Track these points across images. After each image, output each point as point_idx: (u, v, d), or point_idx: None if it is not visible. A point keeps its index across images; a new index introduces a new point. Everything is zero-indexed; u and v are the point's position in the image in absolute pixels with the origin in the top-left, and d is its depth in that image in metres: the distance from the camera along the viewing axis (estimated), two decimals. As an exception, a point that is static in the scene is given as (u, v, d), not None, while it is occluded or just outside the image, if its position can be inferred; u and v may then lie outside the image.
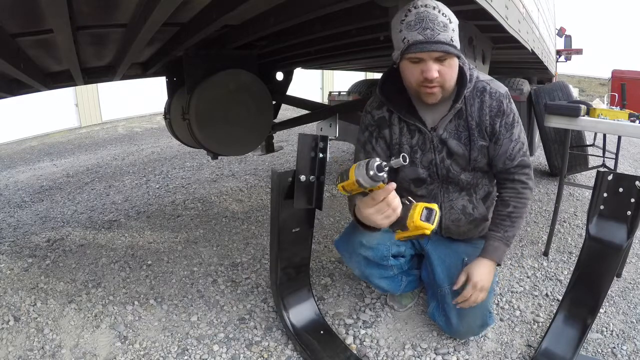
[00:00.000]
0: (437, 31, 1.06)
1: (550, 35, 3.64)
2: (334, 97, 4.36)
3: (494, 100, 1.25)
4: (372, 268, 1.46)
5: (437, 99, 1.19)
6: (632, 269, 1.98)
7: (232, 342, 1.47)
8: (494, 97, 1.26)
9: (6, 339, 1.50)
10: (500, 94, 1.26)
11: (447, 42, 1.08)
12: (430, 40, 1.07)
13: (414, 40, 1.07)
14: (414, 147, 1.32)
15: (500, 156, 1.30)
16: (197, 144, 2.34)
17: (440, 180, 1.35)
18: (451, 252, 1.41)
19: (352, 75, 8.45)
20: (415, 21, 1.06)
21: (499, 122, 1.26)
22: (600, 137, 3.22)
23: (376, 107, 1.36)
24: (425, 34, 1.06)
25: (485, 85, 1.26)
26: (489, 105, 1.25)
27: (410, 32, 1.07)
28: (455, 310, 1.36)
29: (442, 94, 1.18)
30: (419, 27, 1.06)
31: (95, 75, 2.19)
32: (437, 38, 1.07)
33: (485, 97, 1.25)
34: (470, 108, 1.26)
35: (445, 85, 1.16)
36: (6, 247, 2.33)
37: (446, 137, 1.29)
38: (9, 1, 1.06)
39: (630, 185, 1.24)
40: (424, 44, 1.07)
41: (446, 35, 1.08)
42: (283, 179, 1.34)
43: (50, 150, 5.64)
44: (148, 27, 1.19)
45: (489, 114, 1.26)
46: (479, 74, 1.29)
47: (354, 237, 1.44)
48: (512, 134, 1.28)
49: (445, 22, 1.08)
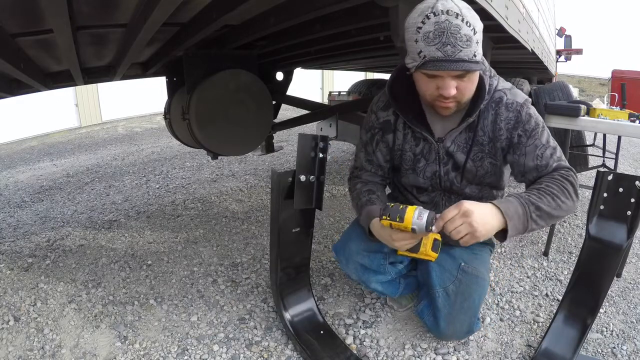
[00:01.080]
0: (459, 47, 0.94)
1: (550, 35, 3.64)
2: (334, 97, 4.37)
3: (511, 112, 1.15)
4: (369, 274, 1.43)
5: (451, 112, 1.12)
6: (632, 269, 1.98)
7: (232, 342, 1.47)
8: (511, 108, 1.14)
9: (6, 339, 1.50)
10: (517, 104, 1.15)
11: (469, 59, 0.96)
12: (451, 58, 0.95)
13: (432, 57, 0.96)
14: (418, 155, 1.27)
15: (529, 167, 1.15)
16: (197, 144, 2.34)
17: (443, 190, 1.33)
18: (448, 257, 1.39)
19: (352, 75, 8.45)
20: (435, 34, 0.93)
21: (517, 133, 1.15)
22: (600, 137, 3.23)
23: (382, 108, 1.31)
24: (445, 50, 0.94)
25: (502, 96, 1.16)
26: (504, 118, 1.15)
27: (428, 46, 0.95)
28: (444, 313, 1.34)
29: (457, 107, 1.11)
30: (439, 42, 0.94)
31: (95, 75, 2.19)
32: (458, 56, 0.95)
33: (500, 109, 1.15)
34: (483, 121, 1.17)
35: (463, 100, 1.09)
36: (6, 247, 2.33)
37: (453, 150, 1.22)
38: (9, 1, 1.06)
39: (630, 185, 1.24)
40: (442, 63, 0.96)
41: (469, 51, 0.95)
42: (283, 179, 1.34)
43: (50, 150, 5.64)
44: (148, 27, 1.20)
45: (505, 128, 1.16)
46: (500, 82, 1.19)
47: (351, 243, 1.42)
48: (536, 139, 1.14)
49: (469, 34, 0.94)
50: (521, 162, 1.16)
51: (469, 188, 1.28)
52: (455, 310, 1.34)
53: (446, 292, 1.35)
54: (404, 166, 1.33)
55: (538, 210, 1.04)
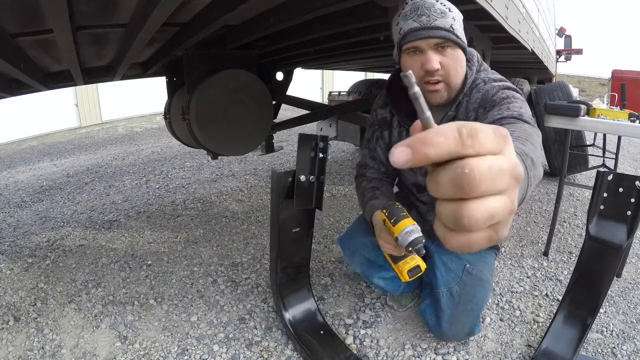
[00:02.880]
0: (434, 17, 0.99)
1: (550, 35, 3.64)
2: (334, 97, 4.36)
3: (479, 92, 1.10)
4: (373, 268, 1.45)
5: (442, 98, 1.09)
6: (632, 269, 1.98)
7: (232, 342, 1.47)
8: (482, 90, 1.10)
9: (6, 339, 1.50)
10: (489, 86, 1.08)
11: (445, 27, 1.00)
12: (427, 26, 0.99)
13: (409, 29, 1.01)
14: None
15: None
16: (197, 144, 2.34)
17: None
18: (454, 257, 1.39)
19: (352, 75, 8.45)
20: (411, 10, 1.01)
21: (484, 108, 1.07)
22: (600, 137, 3.23)
23: (381, 106, 1.34)
24: (420, 20, 1.00)
25: (480, 83, 1.12)
26: (473, 100, 1.11)
27: (406, 21, 1.02)
28: (447, 314, 1.35)
29: (447, 92, 1.09)
30: (414, 15, 1.01)
31: (95, 75, 2.19)
32: (433, 24, 0.99)
33: (472, 95, 1.12)
34: (460, 113, 1.14)
35: (450, 80, 1.06)
36: (6, 247, 2.33)
37: None
38: (8, 1, 1.06)
39: (630, 185, 1.24)
40: (419, 31, 1.00)
41: (444, 21, 1.00)
42: (283, 179, 1.34)
43: (50, 150, 5.64)
44: (148, 27, 1.19)
45: (472, 108, 1.11)
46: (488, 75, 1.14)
47: (358, 236, 1.44)
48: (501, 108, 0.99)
49: (443, 9, 1.00)
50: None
51: None
52: (458, 311, 1.34)
53: (450, 293, 1.35)
54: None
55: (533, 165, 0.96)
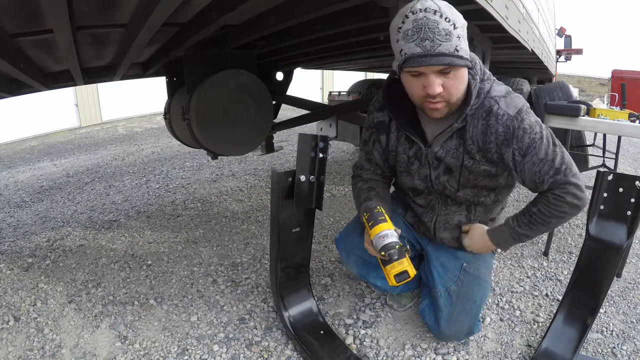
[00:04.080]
0: (438, 42, 0.93)
1: (550, 35, 3.64)
2: (334, 97, 4.36)
3: (500, 125, 1.09)
4: (368, 268, 1.44)
5: (442, 114, 1.09)
6: (632, 269, 1.98)
7: (232, 342, 1.47)
8: (501, 120, 1.09)
9: (6, 339, 1.50)
10: (508, 117, 1.09)
11: (450, 53, 0.95)
12: (430, 53, 0.94)
13: (411, 54, 0.96)
14: (411, 158, 1.27)
15: (528, 183, 1.16)
16: (197, 144, 2.35)
17: (438, 193, 1.32)
18: (451, 257, 1.39)
19: (352, 75, 8.45)
20: (413, 30, 0.94)
21: (510, 151, 1.11)
22: (600, 137, 3.22)
23: (378, 109, 1.31)
24: (424, 45, 0.94)
25: (494, 105, 1.10)
26: (494, 131, 1.10)
27: (407, 43, 0.95)
28: (446, 313, 1.35)
29: (448, 108, 1.08)
30: (417, 38, 0.94)
31: (95, 75, 2.19)
32: (437, 50, 0.94)
33: (491, 120, 1.10)
34: (472, 130, 1.13)
35: (452, 100, 1.06)
36: (6, 247, 2.33)
37: (442, 155, 1.20)
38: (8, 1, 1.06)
39: (630, 185, 1.24)
40: (422, 58, 0.95)
41: (449, 45, 0.94)
42: (283, 179, 1.34)
43: (50, 150, 5.64)
44: (148, 27, 1.19)
45: (495, 142, 1.12)
46: (494, 87, 1.14)
47: (353, 237, 1.43)
48: (533, 156, 1.10)
49: (449, 29, 0.94)
50: (521, 179, 1.18)
51: (462, 192, 1.26)
52: (456, 310, 1.34)
53: (448, 292, 1.35)
54: (399, 168, 1.33)
55: (526, 235, 1.22)
